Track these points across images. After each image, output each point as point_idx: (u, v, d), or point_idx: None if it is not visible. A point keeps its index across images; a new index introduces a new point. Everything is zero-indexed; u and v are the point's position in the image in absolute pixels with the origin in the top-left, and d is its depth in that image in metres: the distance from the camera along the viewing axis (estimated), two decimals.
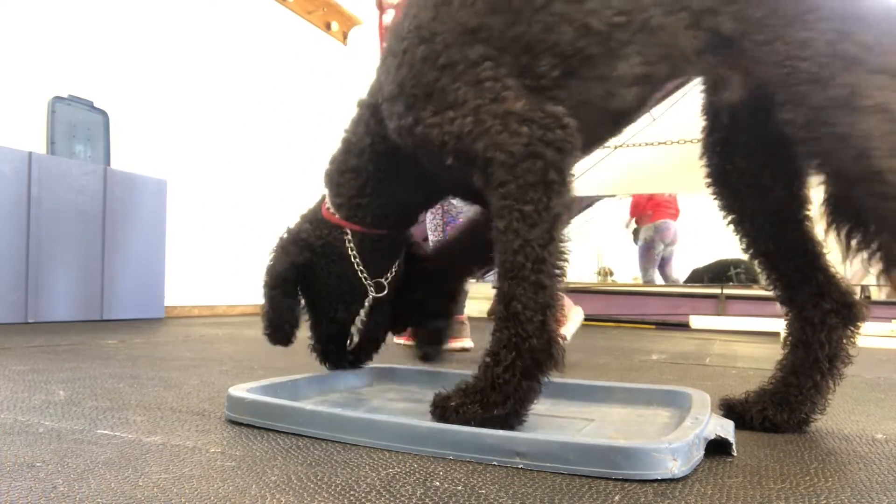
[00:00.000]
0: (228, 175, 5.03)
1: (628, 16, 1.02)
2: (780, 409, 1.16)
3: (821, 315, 1.16)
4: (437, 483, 0.81)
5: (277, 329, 1.33)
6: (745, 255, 1.27)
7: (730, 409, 1.20)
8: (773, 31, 0.98)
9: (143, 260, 4.10)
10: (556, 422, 1.18)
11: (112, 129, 4.08)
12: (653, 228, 7.15)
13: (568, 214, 1.03)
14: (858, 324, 1.17)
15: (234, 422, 1.13)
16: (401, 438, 0.97)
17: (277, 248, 1.36)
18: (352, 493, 0.76)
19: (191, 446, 0.97)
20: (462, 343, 2.50)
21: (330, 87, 5.95)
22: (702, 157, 1.25)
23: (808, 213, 1.20)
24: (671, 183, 6.25)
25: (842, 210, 1.08)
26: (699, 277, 7.16)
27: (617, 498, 0.77)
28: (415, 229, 1.52)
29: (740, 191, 1.21)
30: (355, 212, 1.31)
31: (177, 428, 1.09)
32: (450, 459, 0.91)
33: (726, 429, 1.01)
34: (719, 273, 6.87)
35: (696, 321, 4.67)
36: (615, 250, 10.36)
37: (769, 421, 1.16)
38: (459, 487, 0.79)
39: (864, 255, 1.03)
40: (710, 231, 1.32)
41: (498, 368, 1.02)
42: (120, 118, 4.14)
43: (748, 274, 6.37)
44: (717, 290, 5.19)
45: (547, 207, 1.00)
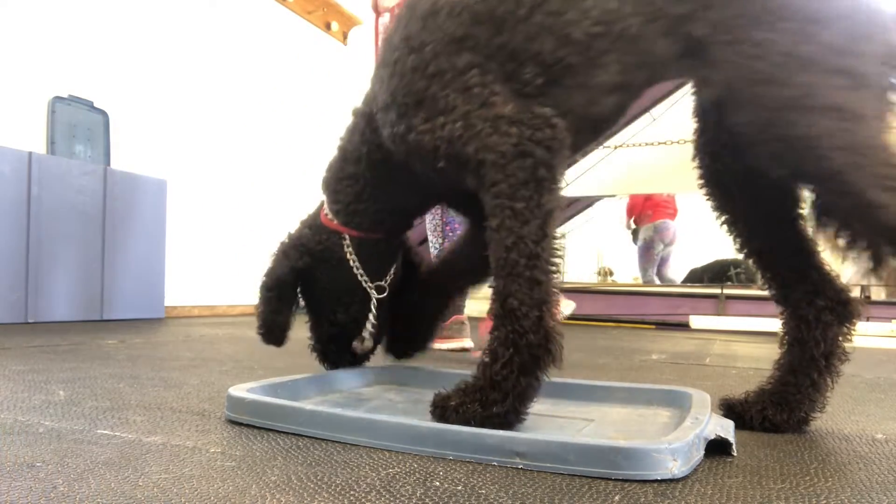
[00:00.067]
0: (228, 175, 5.03)
1: (606, 26, 1.04)
2: (779, 408, 1.16)
3: (815, 313, 1.17)
4: (437, 483, 0.81)
5: (270, 330, 1.38)
6: (740, 254, 1.27)
7: (730, 409, 1.21)
8: (737, 32, 0.98)
9: (143, 260, 4.10)
10: (556, 422, 1.18)
11: (112, 129, 4.08)
12: (652, 228, 7.15)
13: (559, 211, 1.05)
14: (854, 321, 1.18)
15: (234, 422, 1.13)
16: (401, 438, 0.97)
17: (278, 252, 1.40)
18: (352, 493, 0.76)
19: (191, 446, 0.97)
20: (462, 343, 2.50)
21: (330, 87, 5.95)
22: (694, 158, 1.26)
23: (800, 211, 1.20)
24: (671, 183, 6.25)
25: (827, 210, 1.08)
26: (697, 277, 7.16)
27: (617, 498, 0.77)
28: (414, 231, 1.55)
29: (732, 191, 1.22)
30: (353, 217, 1.35)
31: (177, 428, 1.09)
32: (450, 459, 0.92)
33: (726, 429, 1.01)
34: (719, 273, 6.87)
35: (696, 321, 4.67)
36: (615, 250, 10.36)
37: (769, 421, 1.16)
38: (459, 487, 0.79)
39: (852, 254, 1.04)
40: (709, 231, 1.32)
41: (496, 366, 1.02)
42: (120, 118, 4.14)
43: (748, 274, 6.37)
44: (717, 290, 5.20)
45: (539, 204, 1.02)
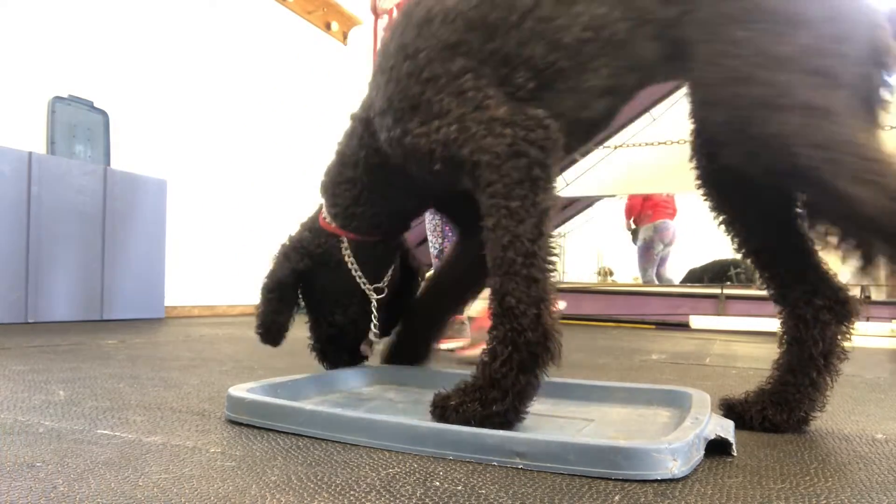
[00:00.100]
0: (228, 175, 5.03)
1: (596, 31, 1.05)
2: (779, 408, 1.16)
3: (814, 312, 1.17)
4: (437, 483, 0.81)
5: (268, 330, 1.40)
6: (737, 254, 1.27)
7: (729, 409, 1.21)
8: (717, 31, 0.99)
9: (143, 260, 4.10)
10: (556, 422, 1.18)
11: (112, 129, 4.08)
12: (652, 228, 7.15)
13: (555, 210, 1.06)
14: (852, 320, 1.17)
15: (234, 422, 1.13)
16: (401, 438, 0.97)
17: (279, 254, 1.42)
18: (352, 493, 0.76)
19: (191, 446, 0.97)
20: (462, 343, 2.50)
21: (330, 87, 5.95)
22: (691, 158, 1.26)
23: (797, 211, 1.20)
24: (670, 183, 6.25)
25: (814, 209, 1.09)
26: (696, 277, 7.16)
27: (617, 498, 0.77)
28: (413, 231, 1.57)
29: (729, 191, 1.22)
30: (350, 220, 1.38)
31: (177, 428, 1.09)
32: (450, 459, 0.92)
33: (726, 429, 1.01)
34: (719, 273, 6.87)
35: (696, 321, 4.67)
36: (615, 250, 10.36)
37: (769, 421, 1.16)
38: (459, 487, 0.79)
39: (844, 253, 1.05)
40: (708, 231, 1.33)
41: (495, 364, 1.03)
42: (120, 118, 4.14)
43: (747, 274, 6.37)
44: (717, 290, 5.19)
45: (534, 203, 1.03)
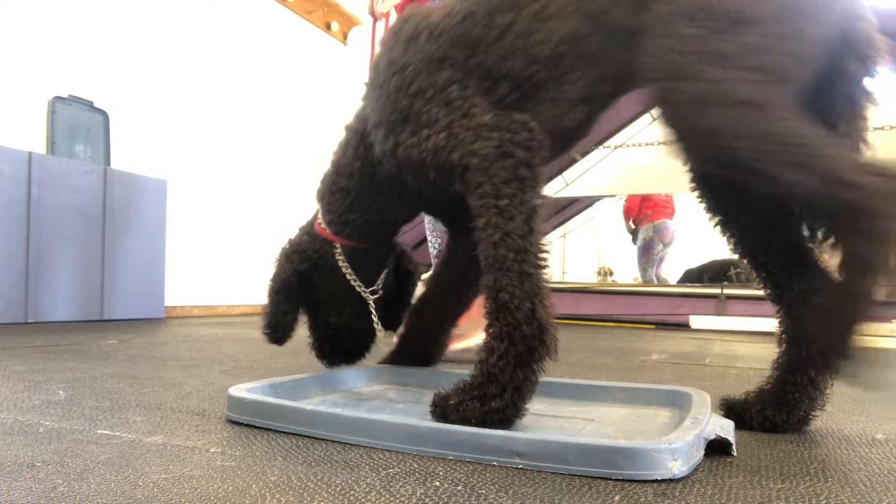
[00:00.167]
0: (228, 175, 5.03)
1: (569, 45, 1.10)
2: (778, 408, 1.16)
3: (810, 310, 1.17)
4: (437, 483, 0.81)
5: (275, 330, 1.45)
6: (734, 254, 1.28)
7: (729, 409, 1.20)
8: (665, 27, 1.01)
9: (143, 260, 4.10)
10: (556, 422, 1.18)
11: (112, 129, 4.08)
12: (652, 228, 7.15)
13: (542, 207, 1.09)
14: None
15: (234, 422, 1.13)
16: (401, 438, 0.97)
17: (281, 257, 1.48)
18: (352, 493, 0.76)
19: (191, 446, 0.97)
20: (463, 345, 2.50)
21: (330, 87, 5.95)
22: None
23: (791, 209, 1.21)
24: (670, 183, 6.26)
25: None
26: (693, 277, 7.16)
27: (617, 498, 0.77)
28: (411, 233, 1.60)
29: (722, 192, 1.23)
30: (343, 227, 1.43)
31: (177, 428, 1.09)
32: (450, 459, 0.92)
33: (726, 429, 1.01)
34: (718, 273, 6.87)
35: (696, 321, 4.67)
36: (615, 250, 10.36)
37: (769, 421, 1.16)
38: (459, 487, 0.79)
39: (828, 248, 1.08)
40: (705, 231, 1.34)
41: (492, 359, 1.05)
42: (120, 118, 4.14)
43: (747, 274, 6.36)
44: (717, 290, 5.19)
45: (522, 201, 1.06)
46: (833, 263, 1.17)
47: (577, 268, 11.10)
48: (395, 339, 1.67)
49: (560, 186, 6.86)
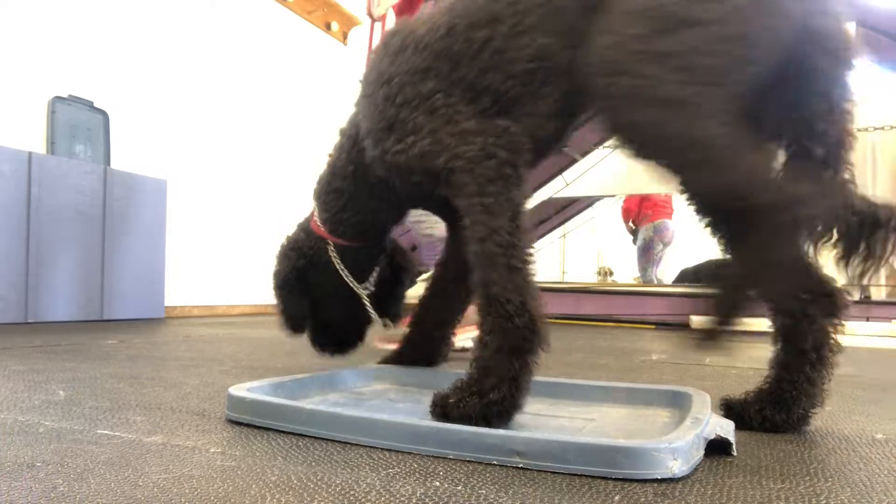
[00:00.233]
0: (228, 175, 5.03)
1: (542, 62, 1.14)
2: (777, 407, 1.16)
3: (800, 307, 1.17)
4: (438, 483, 0.81)
5: (290, 320, 1.54)
6: (726, 255, 1.28)
7: (729, 409, 1.21)
8: (610, 26, 1.03)
9: (143, 260, 4.10)
10: (556, 422, 1.19)
11: (112, 129, 4.08)
12: (652, 228, 7.15)
13: (525, 205, 1.13)
14: (839, 312, 1.18)
15: (234, 422, 1.13)
16: (401, 438, 0.97)
17: (280, 255, 1.55)
18: (352, 493, 0.76)
19: (191, 446, 0.97)
20: (462, 344, 2.50)
21: (330, 87, 5.95)
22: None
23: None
24: (670, 183, 6.24)
25: None
26: (688, 277, 7.15)
27: (617, 498, 0.77)
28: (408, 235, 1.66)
29: None
30: (337, 226, 1.48)
31: (177, 428, 1.09)
32: (450, 459, 0.92)
33: (726, 429, 1.01)
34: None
35: (696, 321, 4.66)
36: (615, 250, 10.36)
37: (768, 421, 1.16)
38: (459, 487, 0.79)
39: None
40: (702, 231, 1.35)
41: (486, 353, 1.07)
42: (120, 118, 4.14)
43: None
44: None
45: (507, 199, 1.10)
46: (823, 261, 1.18)
47: (577, 268, 11.10)
48: (391, 328, 1.71)
49: (560, 186, 6.86)
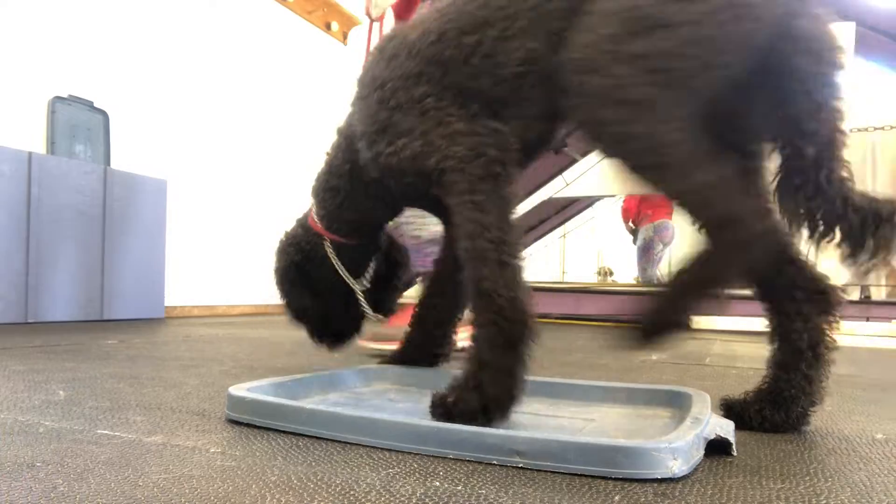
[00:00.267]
0: (228, 175, 5.03)
1: (529, 65, 1.15)
2: (776, 406, 1.16)
3: (795, 306, 1.17)
4: (438, 483, 0.81)
5: (297, 311, 1.58)
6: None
7: (728, 410, 1.21)
8: (590, 24, 1.04)
9: (143, 260, 4.09)
10: (556, 422, 1.19)
11: (112, 129, 4.08)
12: (652, 228, 7.15)
13: (514, 202, 1.16)
14: (834, 309, 1.18)
15: (234, 422, 1.13)
16: (401, 438, 0.97)
17: (279, 250, 1.58)
18: (352, 493, 0.76)
19: (191, 446, 0.97)
20: (464, 343, 2.49)
21: (330, 87, 5.95)
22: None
23: (768, 204, 1.21)
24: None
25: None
26: None
27: (617, 498, 0.77)
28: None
29: None
30: (333, 223, 1.51)
31: (177, 428, 1.09)
32: (450, 459, 0.92)
33: (726, 429, 1.01)
34: None
35: (696, 321, 4.67)
36: (615, 250, 10.36)
37: (768, 421, 1.16)
38: (459, 487, 0.79)
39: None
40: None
41: (482, 346, 1.09)
42: (120, 118, 4.14)
43: None
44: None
45: (498, 196, 1.13)
46: (817, 258, 1.19)
47: (577, 268, 11.11)
48: (383, 323, 1.76)
49: (560, 186, 6.86)
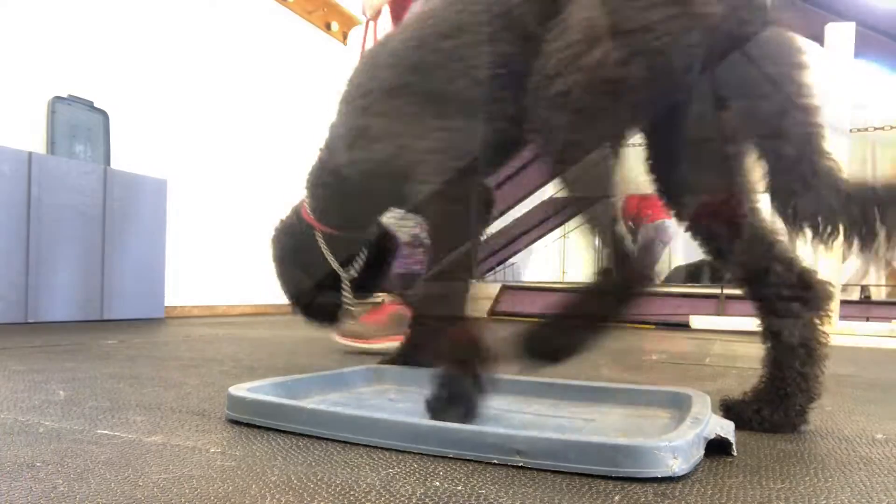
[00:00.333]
0: (228, 175, 5.03)
1: (502, 68, 1.20)
2: (774, 405, 1.16)
3: (783, 302, 1.18)
4: (437, 483, 0.81)
5: (297, 299, 1.64)
6: (706, 256, 1.30)
7: (728, 410, 1.21)
8: (557, 35, 1.08)
9: (143, 260, 4.09)
10: (556, 421, 1.19)
11: (112, 129, 4.08)
12: (653, 229, 7.15)
13: (474, 194, 1.23)
14: (822, 303, 1.18)
15: (234, 422, 1.13)
16: (402, 437, 0.97)
17: (274, 238, 1.66)
18: (352, 493, 0.76)
19: (191, 446, 0.97)
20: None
21: (330, 87, 5.95)
22: (646, 168, 1.31)
23: (753, 204, 1.23)
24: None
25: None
26: (681, 277, 7.16)
27: (617, 498, 0.77)
28: None
29: (685, 195, 1.25)
30: (323, 216, 1.57)
31: (177, 428, 1.09)
32: (450, 459, 0.92)
33: (726, 429, 1.01)
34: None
35: (696, 321, 4.66)
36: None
37: (767, 421, 1.16)
38: (459, 487, 0.79)
39: None
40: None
41: (441, 342, 1.16)
42: (120, 118, 4.14)
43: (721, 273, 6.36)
44: (717, 290, 5.19)
45: (462, 186, 1.19)
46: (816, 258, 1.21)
47: (578, 268, 11.09)
48: (358, 321, 1.85)
49: (560, 186, 6.84)
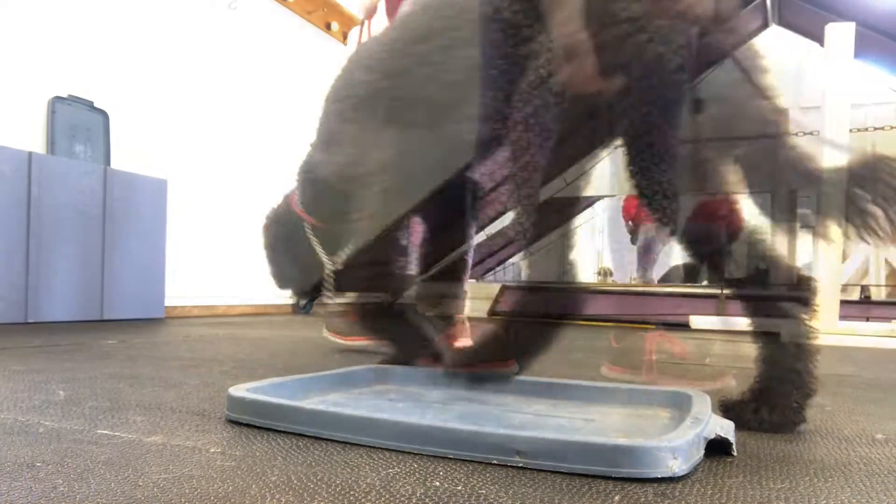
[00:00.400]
0: (228, 175, 5.03)
1: (473, 71, 1.25)
2: (771, 405, 1.16)
3: (771, 300, 1.18)
4: (437, 483, 0.81)
5: (282, 282, 1.74)
6: (690, 259, 1.31)
7: (727, 410, 1.21)
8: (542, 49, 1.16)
9: (143, 260, 4.09)
10: (556, 422, 1.19)
11: (112, 129, 4.08)
12: (653, 229, 7.14)
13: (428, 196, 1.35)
14: (808, 298, 1.19)
15: (234, 422, 1.13)
16: (401, 438, 0.97)
17: (265, 227, 1.78)
18: (352, 493, 0.76)
19: (191, 446, 0.97)
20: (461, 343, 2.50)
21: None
22: (627, 172, 1.33)
23: (735, 206, 1.26)
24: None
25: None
26: (676, 276, 7.15)
27: (617, 498, 0.77)
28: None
29: (665, 199, 1.25)
30: (311, 208, 1.64)
31: (177, 428, 1.09)
32: (450, 459, 0.92)
33: (726, 429, 1.01)
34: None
35: (696, 321, 4.66)
36: (615, 250, 10.35)
37: (766, 421, 1.16)
38: (459, 487, 0.79)
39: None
40: None
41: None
42: (120, 118, 4.14)
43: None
44: (717, 290, 5.18)
45: (409, 188, 1.30)
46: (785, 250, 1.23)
47: (577, 268, 11.09)
48: (343, 318, 1.96)
49: (560, 186, 6.85)
